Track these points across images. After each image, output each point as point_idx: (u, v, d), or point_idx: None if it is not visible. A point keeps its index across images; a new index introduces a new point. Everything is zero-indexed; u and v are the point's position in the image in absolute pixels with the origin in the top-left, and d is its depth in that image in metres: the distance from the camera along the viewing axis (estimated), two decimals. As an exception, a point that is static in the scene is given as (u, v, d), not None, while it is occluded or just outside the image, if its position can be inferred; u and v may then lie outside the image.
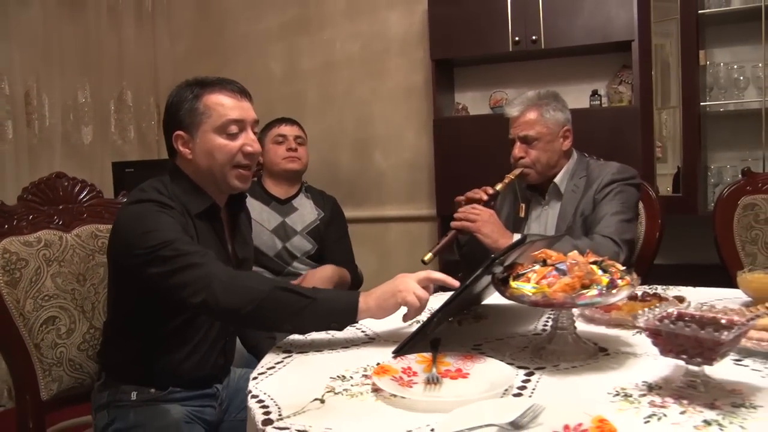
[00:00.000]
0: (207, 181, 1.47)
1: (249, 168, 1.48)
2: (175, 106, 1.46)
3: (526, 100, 2.06)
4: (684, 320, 0.96)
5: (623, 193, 1.96)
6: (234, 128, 1.44)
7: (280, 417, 0.92)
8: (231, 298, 1.24)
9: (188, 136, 1.44)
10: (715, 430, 0.83)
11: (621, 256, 1.82)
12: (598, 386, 0.99)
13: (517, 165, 2.03)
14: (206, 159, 1.44)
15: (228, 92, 1.45)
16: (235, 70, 4.00)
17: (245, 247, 1.60)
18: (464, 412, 0.87)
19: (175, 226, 1.34)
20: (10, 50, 3.04)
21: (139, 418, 1.40)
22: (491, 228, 1.89)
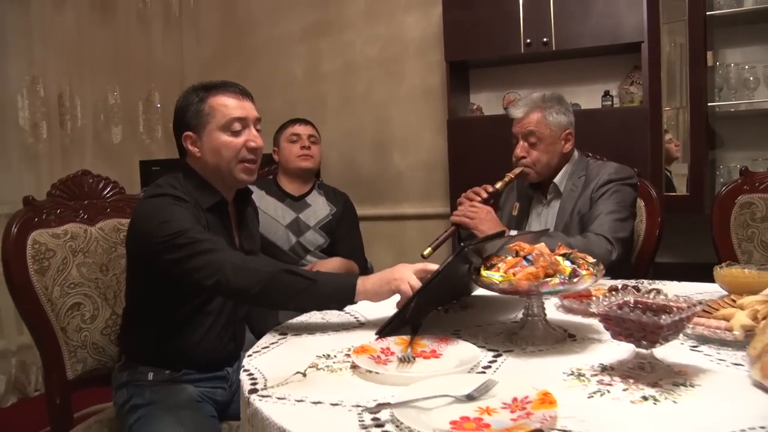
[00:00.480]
0: (215, 177, 1.59)
1: (254, 162, 1.59)
2: (183, 109, 1.58)
3: (530, 101, 2.13)
4: (635, 307, 1.04)
5: (619, 193, 2.01)
6: (237, 126, 1.55)
7: (265, 387, 1.04)
8: (241, 280, 1.35)
9: (196, 135, 1.56)
10: (649, 404, 0.91)
11: (614, 254, 1.89)
12: (557, 367, 1.08)
13: (518, 164, 2.11)
14: (214, 156, 1.55)
15: (230, 94, 1.57)
16: (259, 72, 4.15)
17: (251, 239, 1.70)
18: (424, 384, 0.97)
19: (189, 217, 1.46)
20: (45, 55, 3.22)
21: (154, 396, 1.51)
22: (488, 224, 1.96)
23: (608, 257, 1.87)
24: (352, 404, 0.95)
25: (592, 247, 1.86)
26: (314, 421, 0.90)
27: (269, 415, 0.93)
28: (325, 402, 0.96)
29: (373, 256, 3.38)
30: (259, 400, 0.99)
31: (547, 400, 0.89)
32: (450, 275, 1.23)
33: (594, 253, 1.82)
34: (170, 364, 1.57)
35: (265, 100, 4.13)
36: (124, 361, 1.62)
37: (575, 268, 1.17)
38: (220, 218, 1.60)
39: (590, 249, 1.85)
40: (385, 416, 0.89)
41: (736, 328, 1.14)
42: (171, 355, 1.57)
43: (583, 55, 3.25)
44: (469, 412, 0.90)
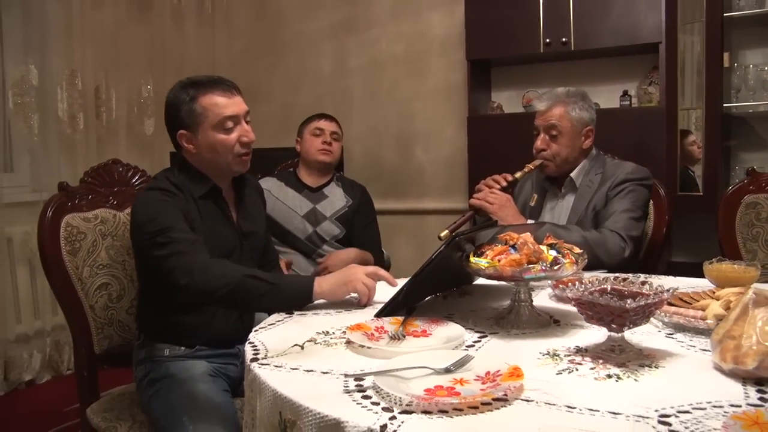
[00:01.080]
0: (211, 169, 1.70)
1: (247, 154, 1.70)
2: (175, 107, 1.66)
3: (554, 95, 2.19)
4: (609, 293, 1.12)
5: (635, 192, 2.07)
6: (230, 123, 1.65)
7: (265, 357, 1.14)
8: (207, 284, 1.47)
9: (191, 134, 1.66)
10: (612, 381, 0.99)
11: (627, 251, 1.95)
12: (535, 348, 1.16)
13: (538, 156, 2.17)
14: (210, 152, 1.66)
15: (220, 92, 1.65)
16: (287, 67, 4.27)
17: (251, 221, 1.80)
18: (406, 357, 1.06)
19: (175, 213, 1.57)
20: (83, 49, 3.39)
21: (170, 370, 1.62)
22: (507, 211, 2.04)
23: (621, 254, 1.94)
24: (340, 373, 1.05)
25: (607, 243, 1.93)
26: (304, 385, 1.00)
27: (265, 380, 1.03)
28: (317, 370, 1.06)
29: (394, 249, 3.48)
30: (258, 367, 1.09)
31: (515, 373, 0.98)
32: (443, 263, 1.31)
33: (608, 249, 1.91)
34: (184, 342, 1.68)
35: (293, 94, 4.27)
36: (143, 339, 1.73)
37: (558, 256, 1.25)
38: (216, 204, 1.71)
39: (605, 244, 1.93)
40: (367, 383, 0.99)
41: (709, 317, 1.21)
42: (183, 333, 1.67)
43: (601, 54, 3.30)
44: (444, 382, 0.99)
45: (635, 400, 0.90)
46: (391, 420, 0.85)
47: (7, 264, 3.11)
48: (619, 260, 1.93)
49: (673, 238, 3.23)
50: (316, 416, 0.90)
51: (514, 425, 0.83)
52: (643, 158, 2.49)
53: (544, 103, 2.19)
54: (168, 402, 1.55)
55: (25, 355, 3.17)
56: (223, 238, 1.70)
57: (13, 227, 3.13)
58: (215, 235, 1.67)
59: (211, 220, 1.68)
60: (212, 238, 1.65)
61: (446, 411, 0.88)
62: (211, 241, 1.64)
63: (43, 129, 3.24)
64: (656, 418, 0.84)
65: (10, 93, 3.11)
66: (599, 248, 1.90)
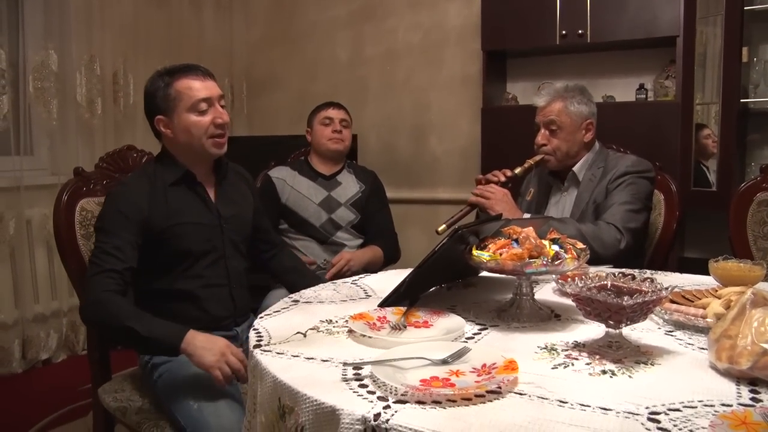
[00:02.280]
0: (188, 153, 1.74)
1: (222, 136, 1.74)
2: (151, 95, 1.72)
3: (553, 91, 2.20)
4: (608, 289, 1.13)
5: (634, 185, 2.07)
6: (203, 105, 1.69)
7: (267, 344, 1.17)
8: (95, 315, 1.56)
9: (167, 119, 1.71)
10: (606, 377, 1.00)
11: (622, 243, 1.95)
12: (533, 342, 1.18)
13: (539, 151, 2.18)
14: (185, 135, 1.71)
15: (193, 76, 1.70)
16: (304, 55, 4.29)
17: (232, 205, 1.83)
18: (407, 348, 1.09)
19: (117, 216, 1.62)
20: (102, 35, 3.43)
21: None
22: (503, 206, 2.05)
23: (617, 246, 1.94)
24: (340, 361, 1.07)
25: (602, 235, 1.94)
26: (303, 372, 1.02)
27: (266, 366, 1.06)
28: (317, 358, 1.09)
29: (407, 238, 3.49)
30: (261, 353, 1.12)
31: (510, 366, 0.99)
32: (445, 256, 1.33)
33: (603, 241, 1.92)
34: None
35: (310, 82, 4.29)
36: None
37: (559, 251, 1.26)
38: (193, 189, 1.75)
39: (600, 236, 1.93)
40: (365, 372, 1.01)
41: (710, 315, 1.21)
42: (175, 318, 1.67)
43: (618, 47, 3.27)
44: (440, 373, 1.01)
45: (627, 396, 0.92)
46: (385, 409, 0.87)
47: (26, 245, 3.18)
48: (615, 252, 1.94)
49: (687, 234, 3.21)
50: (312, 403, 0.92)
51: (504, 417, 0.85)
52: (657, 153, 2.48)
53: (542, 98, 2.20)
54: (172, 385, 1.59)
55: (42, 334, 3.24)
56: (201, 223, 1.74)
57: (32, 209, 3.20)
58: (192, 220, 1.72)
59: (187, 206, 1.73)
60: (189, 224, 1.71)
61: (440, 402, 0.90)
62: (188, 226, 1.70)
63: (62, 113, 3.29)
64: (646, 415, 0.85)
65: (30, 78, 3.16)
66: (595, 241, 1.90)
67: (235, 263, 1.81)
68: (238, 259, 1.83)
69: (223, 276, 1.78)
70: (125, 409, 1.67)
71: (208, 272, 1.75)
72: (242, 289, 1.84)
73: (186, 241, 1.70)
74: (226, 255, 1.78)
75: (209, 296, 1.74)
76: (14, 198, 3.12)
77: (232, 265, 1.80)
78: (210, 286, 1.75)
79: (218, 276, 1.76)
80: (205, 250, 1.74)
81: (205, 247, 1.74)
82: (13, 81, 3.12)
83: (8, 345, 3.10)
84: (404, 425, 0.83)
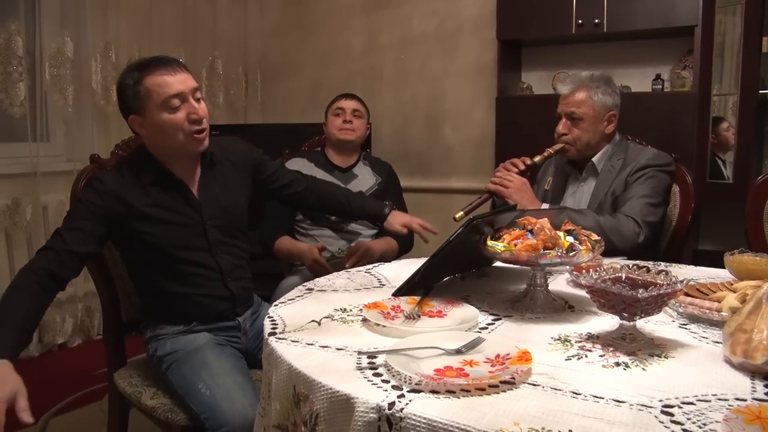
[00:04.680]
0: (166, 151, 1.65)
1: (201, 131, 1.63)
2: (122, 92, 1.61)
3: (578, 80, 2.17)
4: (623, 281, 1.13)
5: (654, 179, 2.05)
6: (176, 101, 1.58)
7: (282, 331, 1.18)
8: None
9: (141, 118, 1.61)
10: (619, 369, 1.00)
11: (641, 236, 1.95)
12: (547, 333, 1.18)
13: (559, 141, 2.16)
14: (159, 134, 1.61)
15: (162, 70, 1.58)
16: (318, 43, 4.28)
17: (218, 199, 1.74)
18: (421, 337, 1.09)
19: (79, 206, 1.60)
20: (117, 22, 3.45)
21: (174, 346, 1.66)
22: (522, 195, 2.04)
23: (635, 239, 1.93)
24: (354, 350, 1.08)
25: (621, 227, 1.93)
26: (318, 360, 1.03)
27: (281, 353, 1.07)
28: (332, 346, 1.10)
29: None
30: (276, 341, 1.13)
31: (524, 357, 1.00)
32: (460, 246, 1.33)
33: (622, 234, 1.91)
34: (180, 319, 1.71)
35: (323, 70, 4.28)
36: (146, 320, 1.77)
37: (574, 243, 1.25)
38: (174, 187, 1.67)
39: (619, 229, 1.92)
40: (380, 361, 1.02)
41: (725, 309, 1.21)
42: (175, 311, 1.71)
43: (635, 37, 3.24)
44: (454, 363, 1.01)
45: (641, 389, 0.92)
46: (399, 398, 0.88)
47: (42, 231, 3.21)
48: (633, 245, 1.93)
49: (701, 226, 3.19)
50: (327, 391, 0.93)
51: (518, 408, 0.86)
52: (673, 144, 2.46)
53: (567, 87, 2.18)
54: (181, 373, 1.60)
55: (58, 319, 3.28)
56: (183, 223, 1.68)
57: (48, 195, 3.23)
58: (173, 220, 1.66)
59: (166, 206, 1.66)
60: (171, 224, 1.65)
61: (453, 391, 0.90)
62: (170, 227, 1.65)
63: (78, 100, 3.31)
64: (659, 408, 0.85)
65: (46, 65, 3.18)
66: (613, 233, 1.90)
67: (227, 256, 1.75)
68: (231, 253, 1.77)
69: (214, 270, 1.72)
70: (140, 394, 1.69)
71: (197, 270, 1.70)
72: (240, 280, 1.78)
73: (167, 242, 1.65)
74: (213, 252, 1.72)
75: (203, 293, 1.71)
76: (31, 184, 3.15)
77: (223, 259, 1.73)
78: (201, 284, 1.70)
79: (209, 272, 1.71)
80: (189, 248, 1.68)
81: (188, 246, 1.68)
82: (30, 68, 3.14)
83: (25, 329, 3.14)
84: (418, 414, 0.84)
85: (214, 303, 1.73)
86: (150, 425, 1.73)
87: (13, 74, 3.04)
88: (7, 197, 3.09)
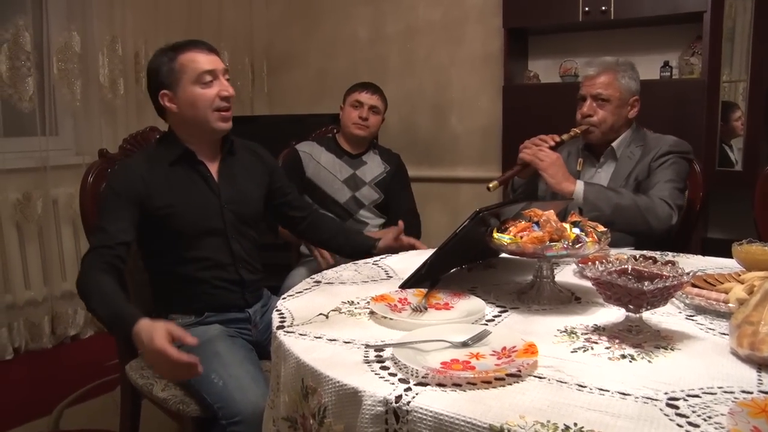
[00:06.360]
0: (192, 130, 1.72)
1: (227, 109, 1.72)
2: (155, 71, 1.70)
3: (604, 62, 2.19)
4: (629, 273, 1.13)
5: (677, 164, 2.08)
6: (208, 77, 1.67)
7: (291, 325, 1.19)
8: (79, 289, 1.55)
9: (172, 93, 1.69)
10: (625, 362, 1.01)
11: (674, 218, 1.97)
12: (553, 325, 1.18)
13: (583, 122, 2.16)
14: (190, 108, 1.68)
15: (197, 50, 1.69)
16: (324, 33, 4.27)
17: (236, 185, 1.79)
18: (428, 330, 1.10)
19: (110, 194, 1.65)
20: (124, 16, 3.45)
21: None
22: (556, 170, 2.03)
23: (669, 221, 1.96)
24: (362, 343, 1.09)
25: (657, 208, 1.95)
26: (326, 353, 1.04)
27: (289, 347, 1.08)
28: (339, 340, 1.11)
29: (428, 216, 3.49)
30: (284, 334, 1.14)
31: (530, 350, 1.00)
32: (466, 238, 1.33)
33: (658, 214, 1.94)
34: (191, 310, 1.73)
35: (329, 60, 4.27)
36: (158, 311, 1.77)
37: (580, 235, 1.26)
38: (194, 169, 1.73)
39: (655, 209, 1.94)
40: (387, 354, 1.03)
41: (732, 300, 1.21)
42: (187, 302, 1.73)
43: (642, 24, 3.21)
44: (460, 356, 1.02)
45: (646, 381, 0.92)
46: (406, 391, 0.89)
47: (53, 224, 3.24)
48: (667, 227, 1.96)
49: (710, 214, 3.17)
50: (335, 384, 0.94)
51: (524, 401, 0.86)
52: (681, 132, 2.43)
53: (593, 69, 2.18)
54: None
55: (69, 311, 3.32)
56: (200, 203, 1.72)
57: (58, 189, 3.25)
58: (192, 200, 1.70)
59: (186, 186, 1.71)
60: (189, 204, 1.69)
61: (460, 384, 0.91)
62: (188, 206, 1.69)
63: (85, 94, 3.33)
64: (665, 401, 0.86)
65: (54, 59, 3.19)
66: (649, 213, 1.93)
67: (240, 244, 1.79)
68: (244, 240, 1.80)
69: (227, 257, 1.76)
70: (151, 386, 1.70)
71: (210, 254, 1.73)
72: (251, 272, 1.82)
73: (184, 222, 1.69)
74: (228, 236, 1.76)
75: (214, 279, 1.73)
76: (41, 178, 3.18)
77: (236, 247, 1.77)
78: (214, 268, 1.73)
79: (222, 258, 1.75)
80: (205, 230, 1.72)
81: (204, 227, 1.72)
82: (38, 63, 3.15)
83: (38, 321, 3.19)
84: (425, 407, 0.85)
85: (225, 289, 1.75)
86: (162, 415, 1.75)
87: (21, 69, 3.06)
88: (18, 191, 3.11)
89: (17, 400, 2.67)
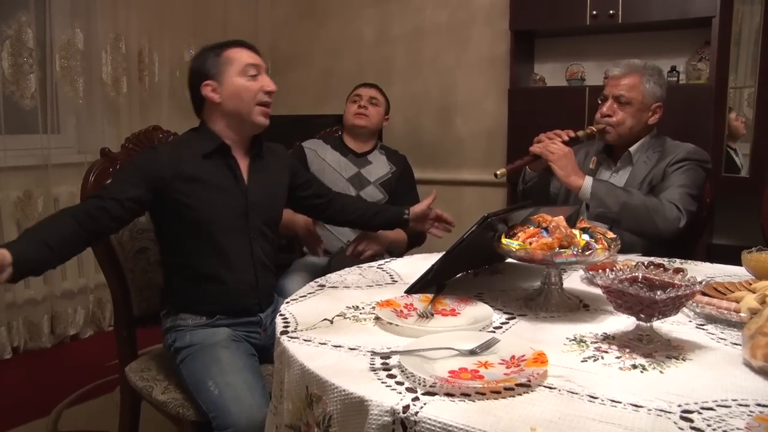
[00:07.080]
0: (231, 122, 1.73)
1: (269, 105, 1.75)
2: (201, 62, 1.74)
3: (631, 64, 2.15)
4: (640, 282, 1.11)
5: (693, 171, 2.06)
6: (253, 71, 1.71)
7: (295, 330, 1.17)
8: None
9: (216, 83, 1.70)
10: (636, 372, 0.99)
11: (682, 221, 1.94)
12: (562, 333, 1.16)
13: (601, 122, 2.14)
14: (234, 99, 1.70)
15: (242, 47, 1.74)
16: (329, 34, 4.25)
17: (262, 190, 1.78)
18: (435, 337, 1.08)
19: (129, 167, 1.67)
20: (128, 13, 3.43)
21: (193, 338, 1.66)
22: (566, 163, 2.01)
23: (677, 224, 1.93)
24: (367, 350, 1.07)
25: (665, 211, 1.93)
26: (331, 360, 1.02)
27: (294, 353, 1.06)
28: (345, 346, 1.09)
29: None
30: (288, 340, 1.12)
31: (540, 359, 0.98)
32: (474, 243, 1.31)
33: (665, 216, 1.92)
34: (203, 311, 1.71)
35: (335, 61, 4.26)
36: (168, 309, 1.77)
37: (590, 241, 1.24)
38: (226, 163, 1.73)
39: (663, 211, 1.93)
40: (393, 362, 1.01)
41: (743, 309, 1.19)
42: (202, 303, 1.71)
43: (650, 28, 3.19)
44: (468, 364, 1.00)
45: (659, 393, 0.90)
46: (414, 401, 0.87)
47: (54, 222, 3.22)
48: (674, 229, 1.94)
49: (716, 220, 3.15)
50: (341, 393, 0.92)
51: (534, 412, 0.84)
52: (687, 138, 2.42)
53: (619, 69, 2.15)
54: (193, 369, 1.60)
55: (69, 310, 3.30)
56: (227, 200, 1.71)
57: (60, 187, 3.23)
58: (219, 195, 1.70)
59: (216, 177, 1.71)
60: (215, 197, 1.69)
61: (469, 394, 0.89)
62: (214, 200, 1.68)
63: (88, 92, 3.31)
64: (678, 414, 0.84)
65: (57, 57, 3.17)
66: (657, 214, 1.91)
67: (260, 246, 1.78)
68: (263, 243, 1.79)
69: (247, 257, 1.74)
70: (151, 389, 1.68)
71: (232, 252, 1.71)
72: (267, 275, 1.81)
73: (207, 214, 1.67)
74: (251, 236, 1.75)
75: (234, 279, 1.72)
76: (42, 176, 3.16)
77: (256, 248, 1.77)
78: (234, 268, 1.72)
79: (243, 257, 1.73)
80: (227, 228, 1.71)
81: (227, 225, 1.70)
82: (41, 60, 3.13)
83: (38, 320, 3.17)
84: (433, 418, 0.83)
85: (242, 294, 1.73)
86: (162, 418, 1.73)
87: (23, 66, 3.05)
88: (19, 189, 3.09)
89: (16, 400, 2.65)
